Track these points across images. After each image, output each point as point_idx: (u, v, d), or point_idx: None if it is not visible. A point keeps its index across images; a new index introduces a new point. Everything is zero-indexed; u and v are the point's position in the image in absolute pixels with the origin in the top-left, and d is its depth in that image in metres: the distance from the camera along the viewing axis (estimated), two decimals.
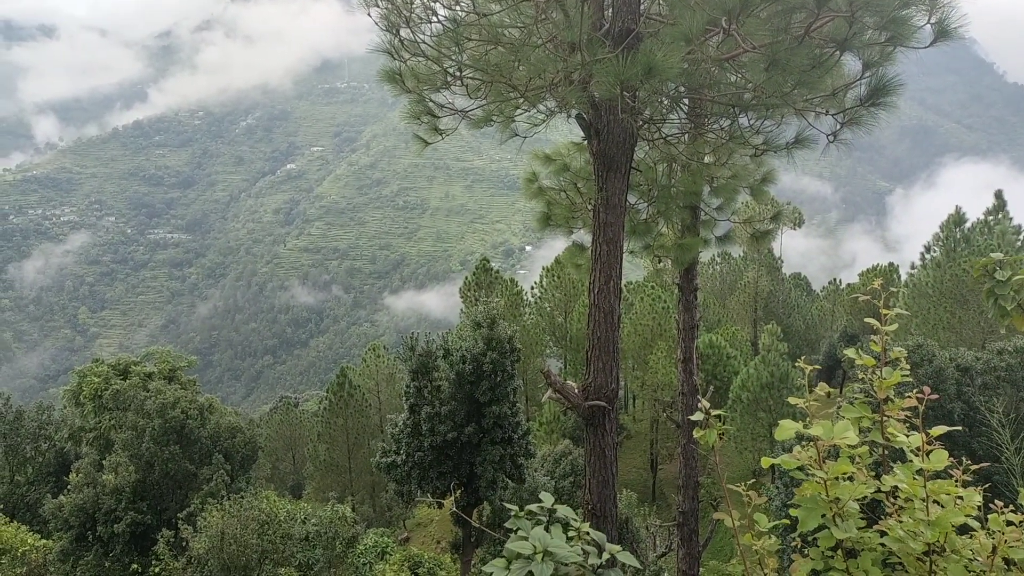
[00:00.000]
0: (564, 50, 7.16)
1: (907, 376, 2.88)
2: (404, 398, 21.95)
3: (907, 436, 2.70)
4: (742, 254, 56.77)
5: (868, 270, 54.43)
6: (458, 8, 7.33)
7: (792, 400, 2.82)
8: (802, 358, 3.47)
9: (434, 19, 7.02)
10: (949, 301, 36.53)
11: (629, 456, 47.78)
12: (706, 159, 11.37)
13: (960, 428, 2.94)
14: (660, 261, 14.69)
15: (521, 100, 7.39)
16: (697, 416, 2.78)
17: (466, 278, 46.84)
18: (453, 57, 6.97)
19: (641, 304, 45.46)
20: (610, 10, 7.26)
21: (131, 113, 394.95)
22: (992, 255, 2.85)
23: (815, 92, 7.42)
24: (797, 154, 8.59)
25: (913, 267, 43.64)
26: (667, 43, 6.64)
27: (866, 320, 3.11)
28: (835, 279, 61.49)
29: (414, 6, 6.98)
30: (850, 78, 7.65)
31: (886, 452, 2.81)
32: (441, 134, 7.82)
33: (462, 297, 45.99)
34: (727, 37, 6.51)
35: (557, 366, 52.77)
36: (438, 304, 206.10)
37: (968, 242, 40.26)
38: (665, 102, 8.05)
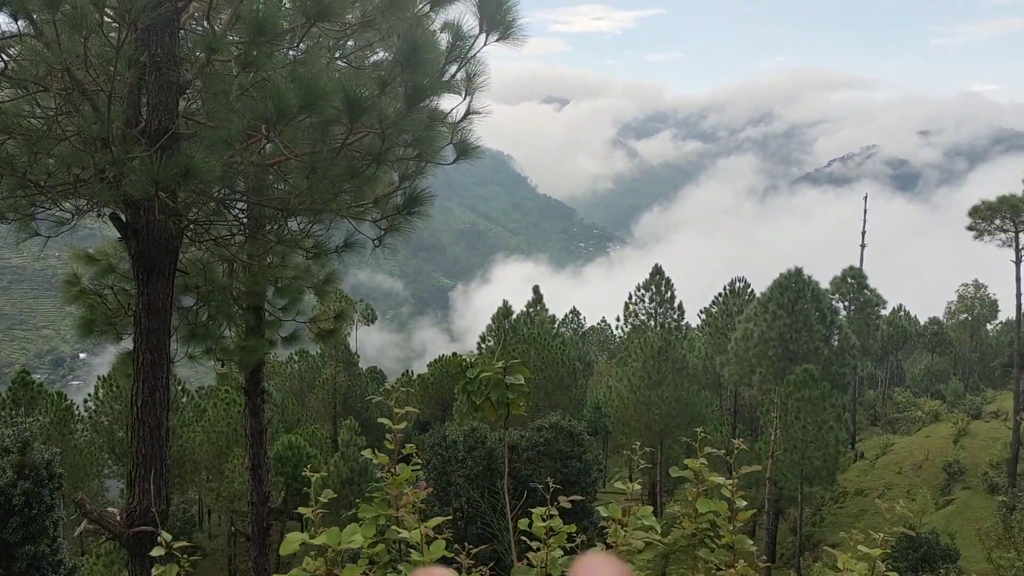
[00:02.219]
0: (95, 146, 6.63)
1: (418, 469, 3.08)
2: None
3: (415, 529, 2.86)
4: (320, 351, 57.22)
5: (435, 360, 58.68)
6: None
7: (302, 510, 2.82)
8: (367, 450, 3.51)
9: None
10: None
11: None
12: (269, 259, 11.31)
13: (460, 515, 3.20)
14: (223, 364, 14.11)
15: (40, 197, 6.63)
16: (157, 551, 2.61)
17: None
18: None
19: (215, 410, 42.99)
20: (146, 108, 6.94)
21: None
22: (464, 355, 3.23)
23: (360, 200, 7.88)
24: (374, 253, 8.94)
25: (471, 355, 47.99)
26: (208, 145, 6.53)
27: (379, 420, 3.27)
28: (408, 370, 65.02)
29: None
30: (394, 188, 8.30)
31: (402, 547, 2.95)
32: None
33: None
34: (269, 143, 6.62)
35: (118, 487, 47.14)
36: None
37: (515, 331, 45.62)
38: (212, 204, 7.85)
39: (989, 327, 70.14)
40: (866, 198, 51.44)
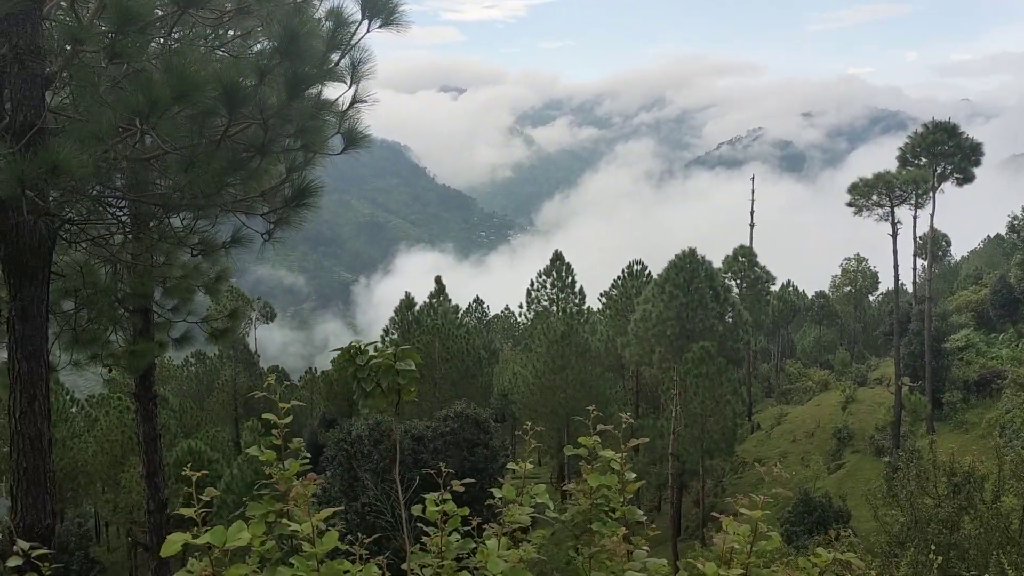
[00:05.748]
0: None
1: (307, 465, 3.04)
2: None
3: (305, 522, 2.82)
4: (217, 353, 55.53)
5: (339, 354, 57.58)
6: None
7: (183, 511, 2.74)
8: (253, 447, 3.43)
9: None
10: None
11: None
12: (154, 259, 10.86)
13: (368, 509, 3.16)
14: (111, 370, 13.51)
15: None
16: (14, 561, 2.51)
17: None
18: None
19: (107, 418, 41.23)
20: (10, 103, 6.54)
21: None
22: (353, 343, 3.20)
23: (246, 193, 7.65)
24: (272, 248, 8.66)
25: (377, 349, 47.42)
26: (78, 140, 6.21)
27: (264, 416, 3.21)
28: (311, 368, 63.76)
29: None
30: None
31: (293, 542, 2.91)
32: None
33: None
34: (144, 137, 6.35)
35: (6, 504, 44.61)
36: None
37: (419, 323, 45.37)
38: (87, 202, 7.49)
39: (871, 298, 74.30)
40: (753, 179, 53.45)
